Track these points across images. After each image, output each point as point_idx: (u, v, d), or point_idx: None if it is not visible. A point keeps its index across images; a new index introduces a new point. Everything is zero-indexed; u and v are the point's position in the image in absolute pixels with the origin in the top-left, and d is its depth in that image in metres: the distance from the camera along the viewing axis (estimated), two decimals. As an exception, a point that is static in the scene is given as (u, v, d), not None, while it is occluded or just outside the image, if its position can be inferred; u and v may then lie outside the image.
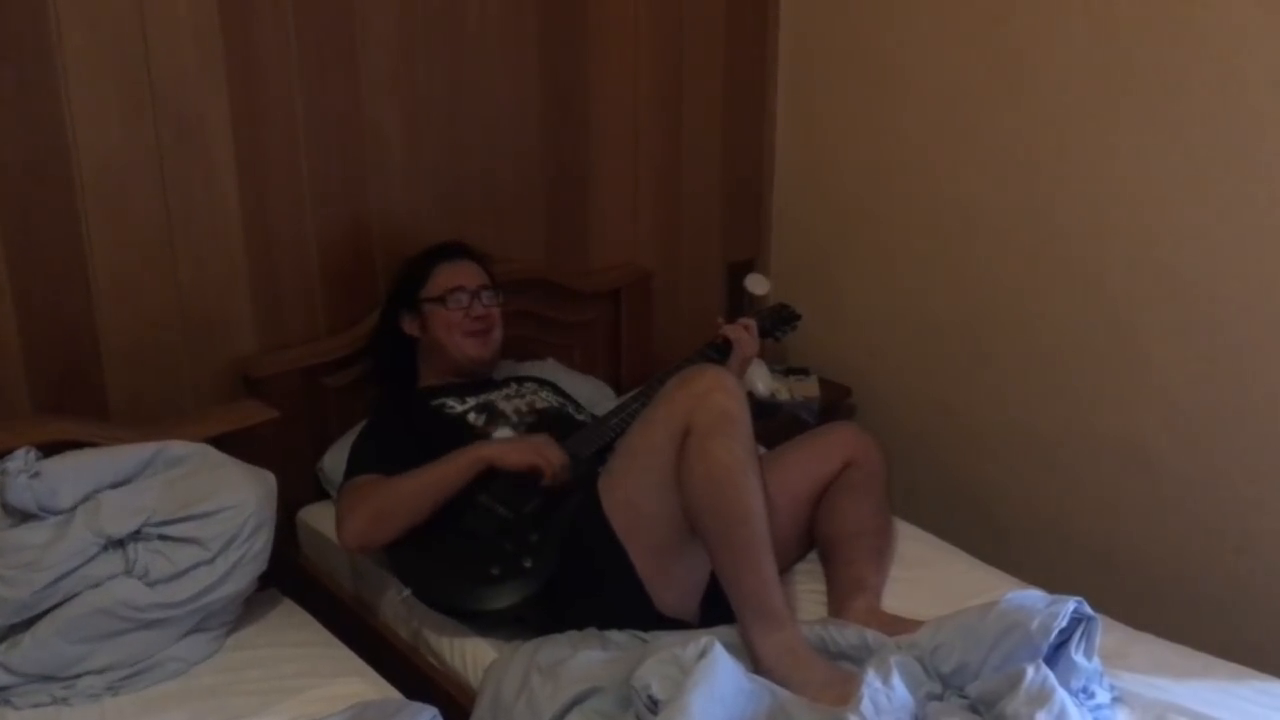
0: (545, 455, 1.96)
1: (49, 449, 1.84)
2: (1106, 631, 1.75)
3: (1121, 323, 2.46)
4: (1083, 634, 1.59)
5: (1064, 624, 1.56)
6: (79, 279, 2.04)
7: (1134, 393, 2.47)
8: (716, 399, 1.83)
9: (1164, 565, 2.49)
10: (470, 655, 1.92)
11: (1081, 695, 1.56)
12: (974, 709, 1.54)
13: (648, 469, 1.89)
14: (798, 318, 2.57)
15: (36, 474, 1.76)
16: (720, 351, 2.27)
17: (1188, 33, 2.24)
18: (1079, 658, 1.57)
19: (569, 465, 1.98)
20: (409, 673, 1.99)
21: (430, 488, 1.93)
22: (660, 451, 1.86)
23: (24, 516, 1.77)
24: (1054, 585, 1.92)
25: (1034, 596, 1.64)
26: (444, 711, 1.67)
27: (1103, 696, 1.60)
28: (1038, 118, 2.51)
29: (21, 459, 1.78)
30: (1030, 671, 1.48)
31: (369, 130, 2.34)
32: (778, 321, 2.53)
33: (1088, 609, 1.61)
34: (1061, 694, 1.46)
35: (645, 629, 1.88)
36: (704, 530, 1.82)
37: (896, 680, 1.52)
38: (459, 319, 2.24)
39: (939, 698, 1.59)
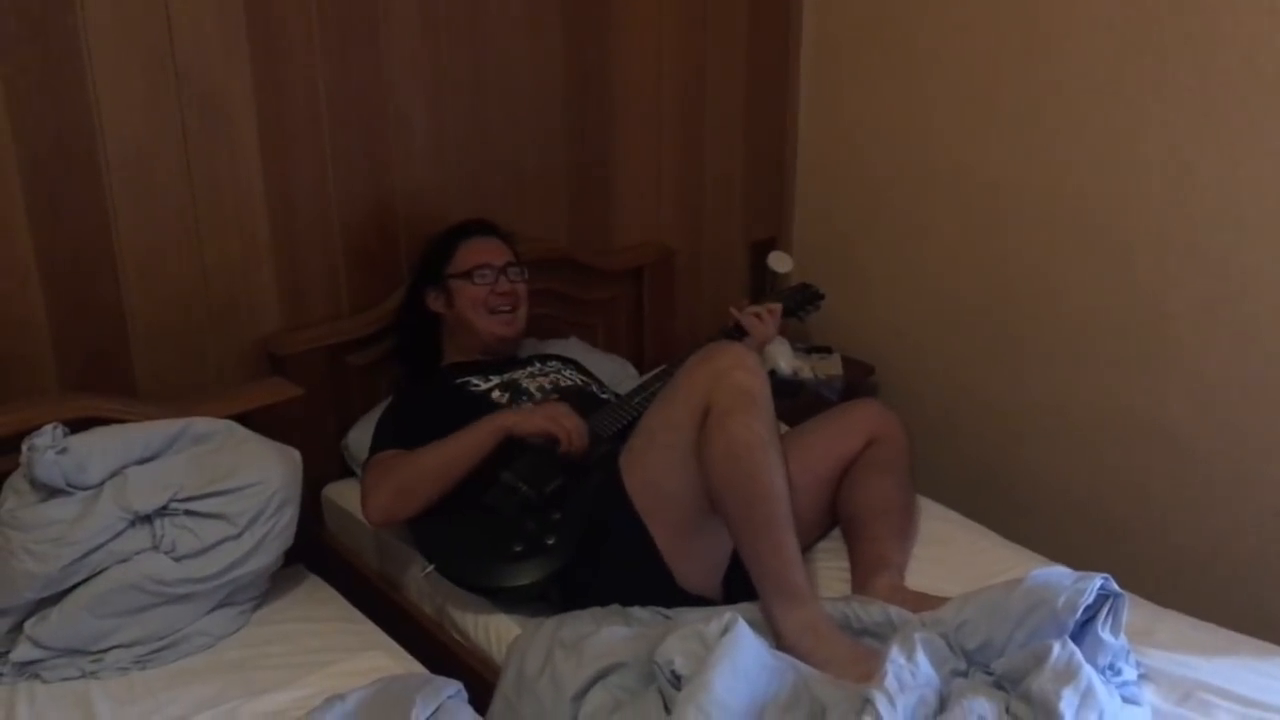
0: (562, 423, 1.96)
1: (76, 426, 1.85)
2: (1132, 608, 1.74)
3: (1149, 300, 2.44)
4: (1109, 611, 1.58)
5: (1090, 600, 1.55)
6: (105, 258, 2.05)
7: (1161, 370, 2.45)
8: (737, 377, 1.83)
9: (1190, 543, 2.47)
10: (494, 631, 1.93)
11: (1108, 672, 1.55)
12: (999, 686, 1.54)
13: (668, 447, 1.89)
14: (821, 297, 2.56)
15: (64, 450, 1.78)
16: (737, 335, 2.26)
17: (1218, 4, 2.20)
18: (1105, 635, 1.55)
19: (586, 432, 1.98)
20: (433, 648, 2.00)
21: (452, 460, 1.94)
22: (681, 429, 1.86)
23: (52, 492, 1.78)
24: (1078, 563, 1.90)
25: (1060, 573, 1.63)
26: (468, 686, 1.67)
27: (1129, 674, 1.59)
28: (1064, 95, 2.48)
29: (49, 435, 1.79)
30: (1056, 648, 1.47)
31: (392, 109, 2.34)
32: (801, 300, 2.52)
33: (1114, 585, 1.59)
34: (1088, 671, 1.44)
35: (668, 605, 1.89)
36: (725, 508, 1.81)
37: (921, 657, 1.52)
38: (485, 295, 2.24)
39: (964, 674, 1.58)
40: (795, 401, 2.73)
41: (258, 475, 1.88)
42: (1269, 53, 2.16)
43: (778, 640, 1.75)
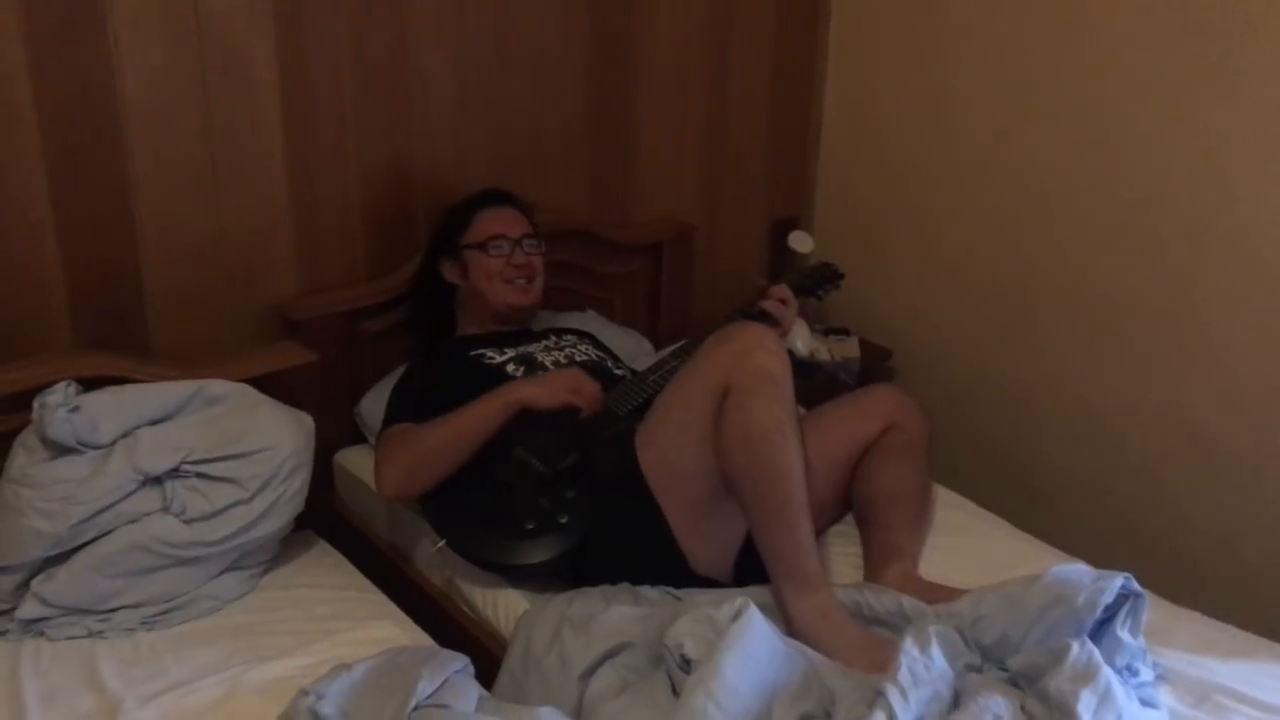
0: (581, 391, 1.95)
1: (89, 384, 1.84)
2: (1150, 608, 1.71)
3: (1177, 291, 2.40)
4: (1129, 611, 1.56)
5: (1110, 600, 1.53)
6: (123, 216, 2.03)
7: (1187, 364, 2.41)
8: (757, 358, 1.80)
9: (1210, 542, 2.44)
10: (502, 605, 1.92)
11: (1125, 673, 1.52)
12: (1014, 682, 1.52)
13: (685, 426, 1.86)
14: (841, 276, 2.52)
15: (76, 408, 1.76)
16: (754, 316, 2.23)
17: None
18: (1124, 635, 1.53)
19: (600, 394, 1.98)
20: (441, 620, 1.99)
21: (465, 434, 1.92)
22: (698, 409, 1.84)
23: (63, 450, 1.77)
24: (1094, 557, 1.88)
25: (1080, 571, 1.60)
26: (475, 660, 1.65)
27: (1146, 675, 1.56)
28: (1097, 75, 2.44)
29: (61, 393, 1.78)
30: (1075, 647, 1.45)
31: (415, 74, 2.30)
32: (821, 280, 2.48)
33: (1135, 585, 1.57)
34: (1107, 672, 1.42)
35: (678, 586, 1.87)
36: (740, 490, 1.79)
37: (935, 651, 1.49)
38: (500, 267, 2.22)
39: (978, 669, 1.56)
40: (810, 383, 2.70)
41: (270, 440, 1.86)
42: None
43: (788, 625, 1.73)
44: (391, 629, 1.81)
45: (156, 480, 1.80)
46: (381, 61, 2.25)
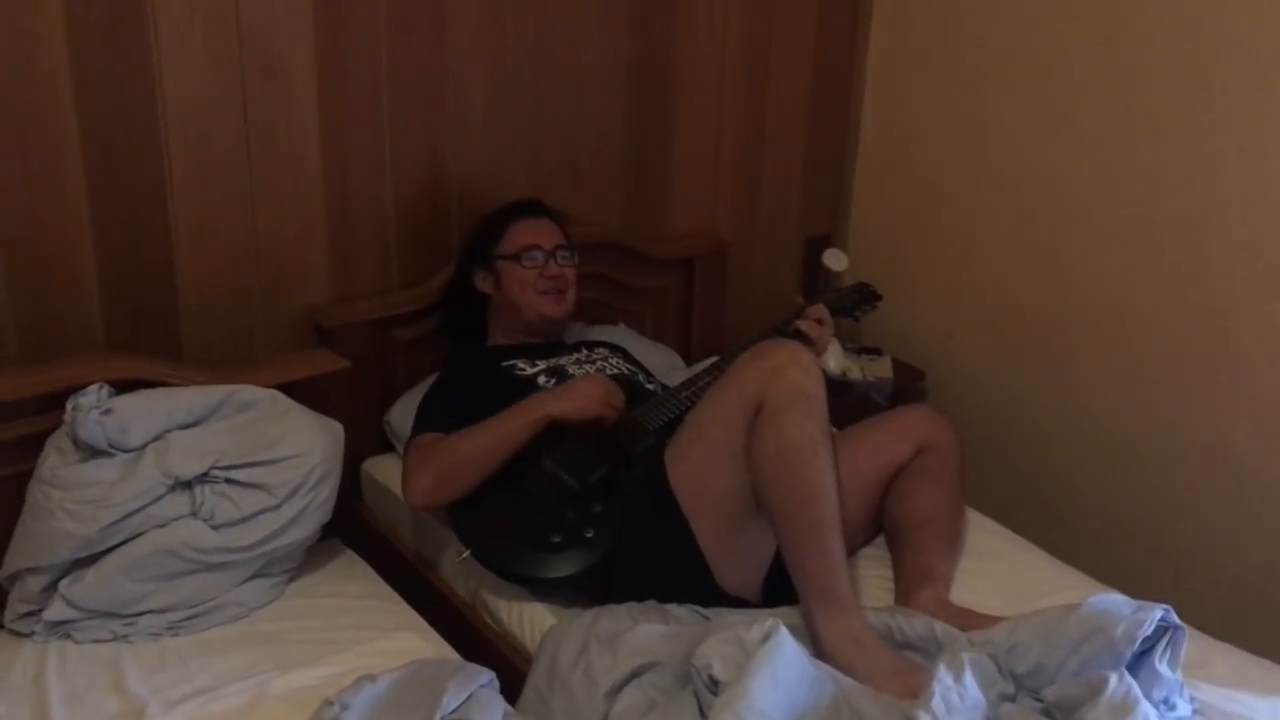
0: (610, 402, 1.94)
1: (122, 387, 1.84)
2: (1187, 639, 1.68)
3: (1217, 320, 2.36)
4: (1168, 643, 1.52)
5: (1149, 632, 1.50)
6: (159, 219, 2.04)
7: (1225, 394, 2.37)
8: (792, 375, 1.78)
9: (1247, 574, 2.40)
10: (528, 619, 1.91)
11: (1162, 707, 1.49)
12: (1048, 713, 1.49)
13: (717, 443, 1.85)
14: (879, 298, 2.49)
15: (108, 411, 1.77)
16: (788, 333, 2.20)
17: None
18: (1163, 668, 1.50)
19: (624, 400, 1.98)
20: (465, 632, 1.97)
21: (495, 446, 1.91)
22: (731, 426, 1.82)
23: (94, 452, 1.77)
24: (1127, 586, 1.85)
25: (1119, 601, 1.57)
26: (499, 674, 1.64)
27: (1183, 709, 1.53)
28: (1141, 100, 2.40)
29: (94, 395, 1.78)
30: (1114, 680, 1.41)
31: (452, 84, 2.30)
32: (859, 300, 2.46)
33: (1175, 618, 1.53)
34: (1145, 706, 1.39)
35: (705, 605, 1.85)
36: (771, 509, 1.77)
37: (969, 679, 1.47)
38: (533, 278, 2.21)
39: (1012, 699, 1.54)
40: (842, 402, 2.68)
41: (300, 447, 1.86)
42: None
43: (816, 647, 1.70)
44: (416, 640, 1.80)
45: (186, 485, 1.80)
46: (419, 70, 2.25)
